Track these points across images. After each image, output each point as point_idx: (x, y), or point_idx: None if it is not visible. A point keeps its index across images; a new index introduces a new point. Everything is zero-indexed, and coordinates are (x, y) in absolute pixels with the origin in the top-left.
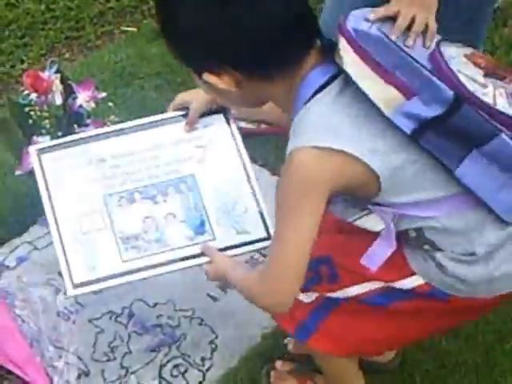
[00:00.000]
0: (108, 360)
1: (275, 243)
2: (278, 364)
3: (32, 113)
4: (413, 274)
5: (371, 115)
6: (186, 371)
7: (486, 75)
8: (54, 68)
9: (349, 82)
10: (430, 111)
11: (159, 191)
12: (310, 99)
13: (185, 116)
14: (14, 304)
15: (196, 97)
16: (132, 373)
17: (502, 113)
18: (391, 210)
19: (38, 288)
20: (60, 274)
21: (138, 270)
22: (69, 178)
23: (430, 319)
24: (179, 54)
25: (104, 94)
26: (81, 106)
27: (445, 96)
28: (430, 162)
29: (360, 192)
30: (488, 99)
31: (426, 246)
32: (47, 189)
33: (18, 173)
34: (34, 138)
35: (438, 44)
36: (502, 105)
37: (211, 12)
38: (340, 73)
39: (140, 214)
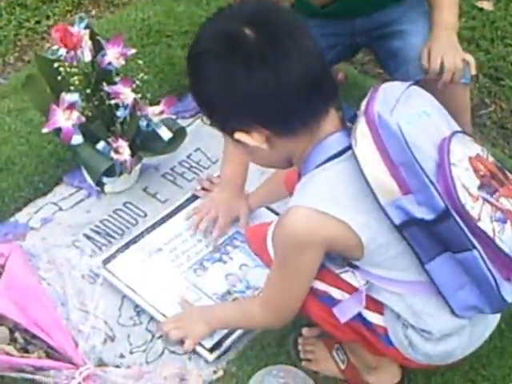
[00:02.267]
0: (134, 324)
1: (274, 284)
2: (305, 330)
3: (61, 68)
4: (381, 313)
5: (370, 194)
6: None
7: (480, 187)
8: (84, 23)
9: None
10: (420, 212)
11: (221, 253)
12: (321, 164)
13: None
14: (38, 266)
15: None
16: (158, 338)
17: (482, 230)
18: (365, 276)
19: (63, 249)
20: (86, 235)
21: None
22: (142, 274)
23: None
24: (212, 118)
25: (134, 51)
26: (110, 63)
27: (436, 206)
28: (407, 250)
29: (343, 253)
30: (474, 213)
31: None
32: (133, 290)
33: (45, 130)
34: (63, 94)
35: (452, 135)
36: (484, 222)
37: (238, 77)
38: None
39: (219, 276)
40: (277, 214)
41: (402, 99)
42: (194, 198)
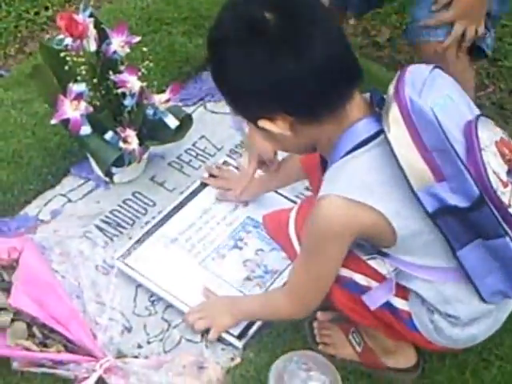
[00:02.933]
0: (149, 314)
1: (300, 272)
2: (320, 314)
3: (68, 58)
4: (406, 299)
5: (403, 181)
6: None
7: (508, 172)
8: (88, 12)
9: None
10: (454, 200)
11: (235, 239)
12: (350, 151)
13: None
14: (51, 259)
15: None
16: (174, 327)
17: None
18: (395, 263)
19: (75, 241)
20: (97, 226)
21: None
22: (161, 266)
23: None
24: (235, 106)
25: (138, 38)
26: (115, 52)
27: (471, 192)
28: (439, 236)
29: (374, 241)
30: (505, 199)
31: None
32: (153, 282)
33: (53, 121)
34: (70, 85)
35: (476, 119)
36: None
37: (261, 64)
38: (383, 130)
39: (237, 262)
40: (286, 198)
41: (428, 82)
42: (203, 186)
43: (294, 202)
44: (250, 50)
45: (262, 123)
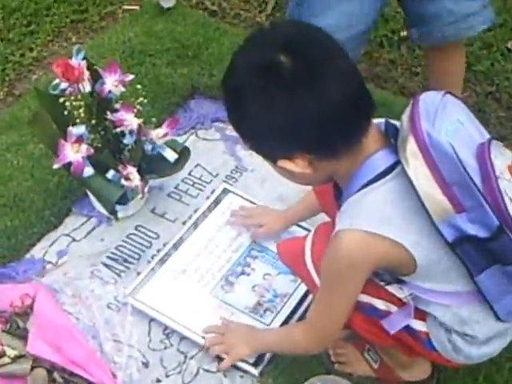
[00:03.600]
0: (165, 348)
1: (320, 305)
2: None
3: (67, 103)
4: (424, 320)
5: (421, 212)
6: None
7: None
8: (81, 54)
9: (407, 176)
10: (474, 230)
11: (242, 266)
12: (367, 184)
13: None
14: (63, 301)
15: (272, 220)
16: (191, 358)
17: None
18: (412, 290)
19: (85, 281)
20: (104, 264)
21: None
22: (172, 298)
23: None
24: (255, 149)
25: (132, 77)
26: (110, 92)
27: (491, 223)
28: (458, 264)
29: (393, 270)
30: None
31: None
32: (166, 315)
33: (56, 166)
34: (70, 128)
35: (489, 143)
36: None
37: (279, 108)
38: (399, 161)
39: (247, 288)
40: (303, 228)
41: (440, 110)
42: (206, 214)
43: None
44: (267, 95)
45: (282, 163)
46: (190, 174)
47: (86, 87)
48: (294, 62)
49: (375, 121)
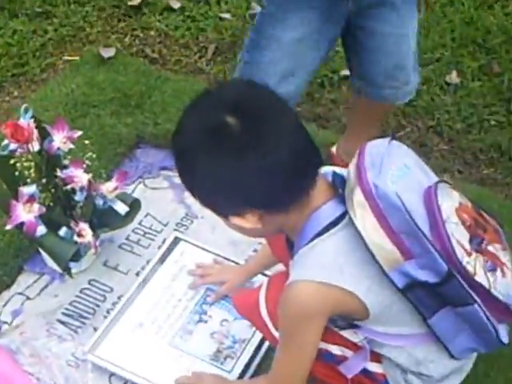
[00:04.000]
0: None
1: (282, 357)
2: None
3: (18, 164)
4: (379, 362)
5: (371, 260)
6: None
7: (470, 240)
8: (29, 113)
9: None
10: (424, 276)
11: (199, 313)
12: (317, 235)
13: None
14: (22, 362)
15: (232, 276)
16: None
17: (479, 284)
18: (366, 334)
19: (42, 340)
20: (59, 321)
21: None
22: (131, 352)
23: None
24: (204, 204)
25: (80, 133)
26: (58, 149)
27: (440, 268)
28: (410, 307)
29: (347, 316)
30: (470, 268)
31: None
32: (126, 370)
33: (8, 227)
34: (21, 188)
35: (435, 186)
36: (479, 275)
37: (228, 168)
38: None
39: (205, 336)
40: (233, 262)
41: (386, 158)
42: (159, 264)
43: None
44: (215, 157)
45: (233, 220)
46: (140, 223)
47: (35, 146)
48: (241, 122)
49: (323, 171)
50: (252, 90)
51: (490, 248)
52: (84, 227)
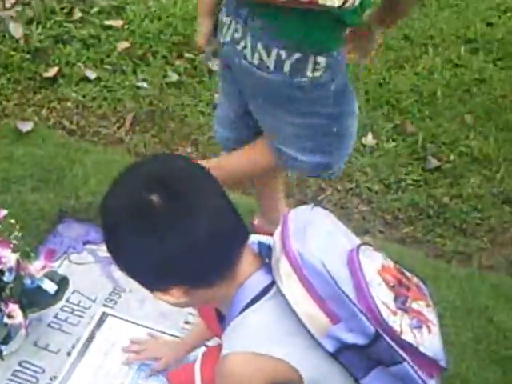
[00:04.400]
0: None
1: None
2: None
3: None
4: None
5: (301, 328)
6: None
7: (395, 299)
8: None
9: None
10: (352, 338)
11: None
12: (247, 306)
13: None
14: None
15: (169, 351)
16: None
17: (407, 342)
18: None
19: None
20: None
21: None
22: None
23: None
24: (131, 277)
25: (6, 212)
26: None
27: (367, 330)
28: (342, 370)
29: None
30: (397, 327)
31: None
32: None
33: None
34: None
35: (357, 250)
36: (406, 333)
37: (151, 245)
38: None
39: None
40: (166, 333)
41: (308, 226)
42: (89, 341)
43: (177, 337)
44: (139, 234)
45: (159, 295)
46: (67, 301)
47: None
48: (164, 199)
49: (249, 241)
50: (175, 165)
51: (415, 306)
52: (14, 308)
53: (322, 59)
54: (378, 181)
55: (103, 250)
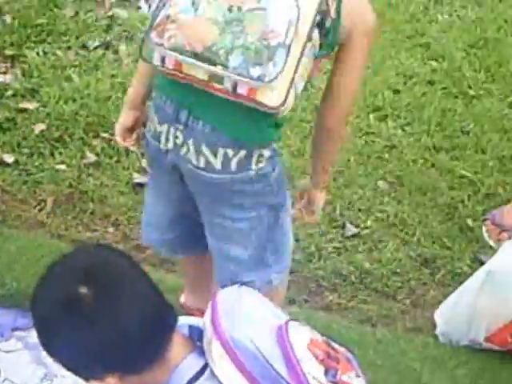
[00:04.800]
0: None
1: None
2: None
3: None
4: None
5: None
6: None
7: (325, 373)
8: None
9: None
10: None
11: None
12: None
13: None
14: None
15: None
16: None
17: None
18: None
19: None
20: None
21: None
22: None
23: None
24: (66, 369)
25: None
26: None
27: None
28: None
29: None
30: None
31: None
32: None
33: None
34: None
35: (286, 326)
36: None
37: (81, 337)
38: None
39: None
40: None
41: (237, 306)
42: None
43: None
44: (69, 327)
45: (94, 383)
46: None
47: None
48: (92, 292)
49: (179, 324)
50: (105, 257)
51: (345, 378)
52: None
53: (266, 152)
54: (300, 250)
55: (32, 336)
